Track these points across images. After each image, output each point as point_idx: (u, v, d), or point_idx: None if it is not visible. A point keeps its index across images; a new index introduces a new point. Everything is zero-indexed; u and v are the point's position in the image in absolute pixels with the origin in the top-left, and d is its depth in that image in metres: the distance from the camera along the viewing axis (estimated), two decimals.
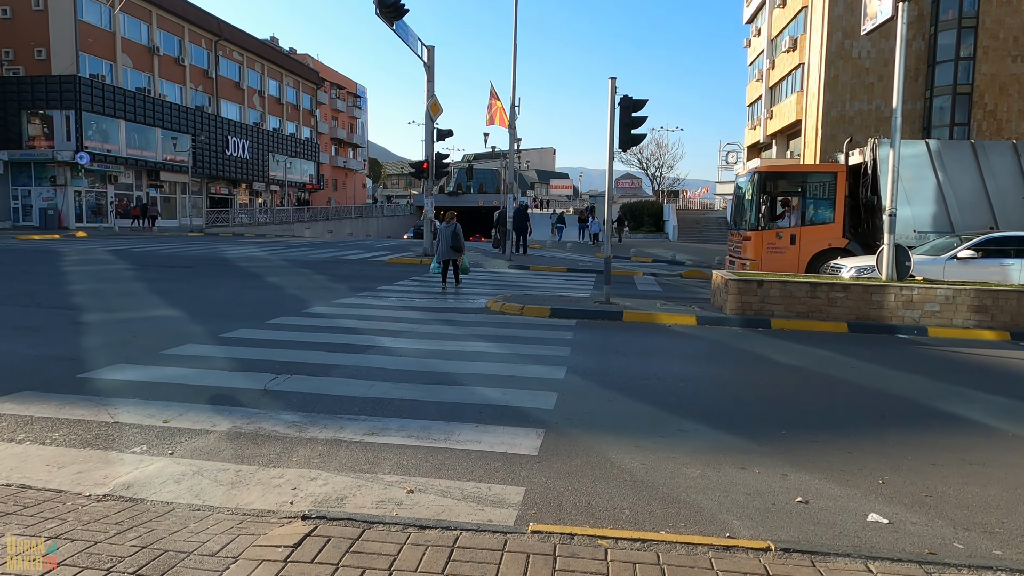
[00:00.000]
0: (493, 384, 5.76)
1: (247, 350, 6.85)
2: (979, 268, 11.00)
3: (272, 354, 6.68)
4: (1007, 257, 11.29)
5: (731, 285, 9.56)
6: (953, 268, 11.10)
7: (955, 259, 11.28)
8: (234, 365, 6.19)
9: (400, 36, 16.60)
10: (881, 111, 33.50)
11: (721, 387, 6.03)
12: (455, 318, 9.40)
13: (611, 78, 10.13)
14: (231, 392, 5.28)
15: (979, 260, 11.19)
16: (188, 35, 44.56)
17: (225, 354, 6.65)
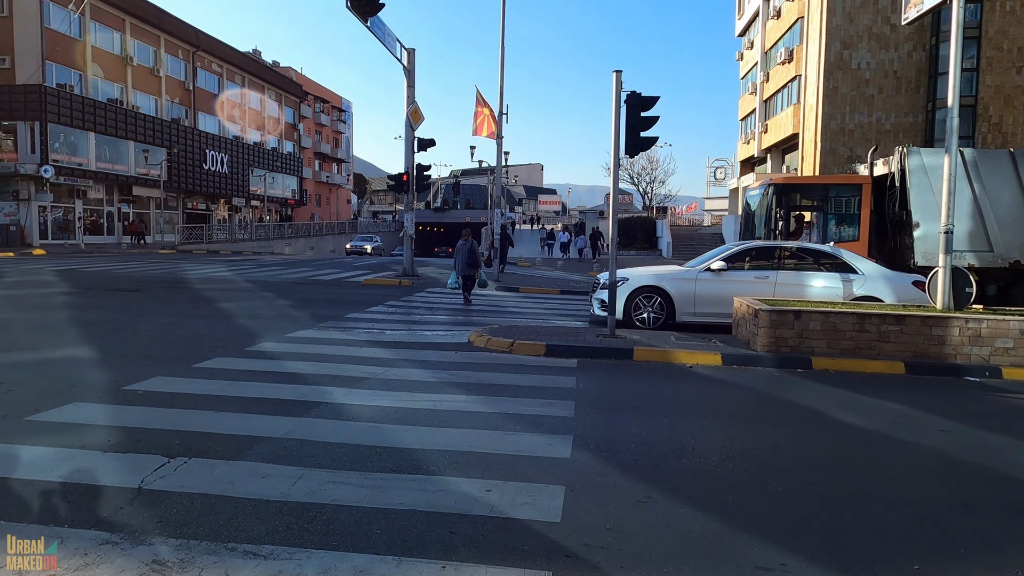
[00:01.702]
0: (473, 470, 4.12)
1: (148, 412, 5.17)
2: (731, 280, 10.14)
3: (179, 418, 5.01)
4: (761, 269, 10.35)
5: (762, 316, 7.99)
6: (706, 281, 10.18)
7: (708, 271, 10.24)
8: (119, 439, 4.50)
9: (376, 35, 15.07)
10: (882, 123, 32.42)
11: (787, 469, 4.41)
12: (430, 358, 7.75)
13: (615, 71, 8.61)
14: (89, 492, 3.61)
15: (731, 272, 10.23)
16: (164, 45, 42.91)
17: (115, 419, 4.96)
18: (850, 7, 32.02)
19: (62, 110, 34.14)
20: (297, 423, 5.00)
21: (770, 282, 10.05)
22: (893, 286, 9.99)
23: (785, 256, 10.42)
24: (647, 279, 10.36)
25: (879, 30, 32.08)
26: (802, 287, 9.98)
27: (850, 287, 9.93)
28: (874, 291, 9.89)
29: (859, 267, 10.14)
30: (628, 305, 10.18)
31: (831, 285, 9.94)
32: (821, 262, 10.26)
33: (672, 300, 10.12)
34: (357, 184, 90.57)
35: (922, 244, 12.22)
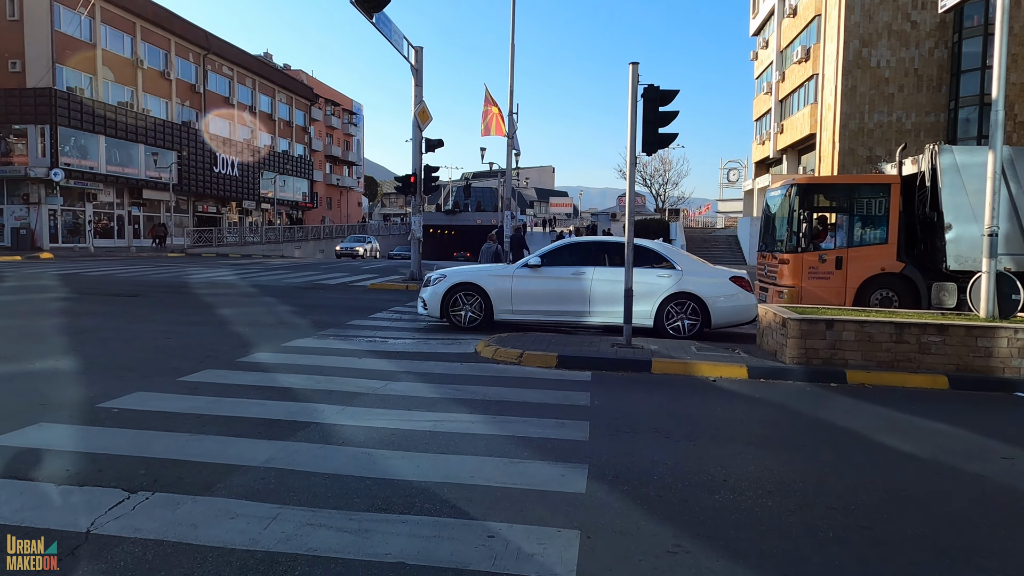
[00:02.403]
0: (474, 508, 3.59)
1: (118, 435, 4.69)
2: (548, 277, 9.86)
3: (151, 443, 4.51)
4: (580, 265, 9.92)
5: (791, 326, 7.40)
6: (523, 278, 9.90)
7: (526, 267, 9.94)
8: (79, 468, 4.02)
9: (382, 32, 14.62)
10: (902, 123, 31.60)
11: (836, 508, 3.84)
12: (434, 370, 7.23)
13: (632, 63, 8.07)
14: (27, 537, 3.10)
15: (549, 268, 9.88)
16: (175, 48, 42.83)
17: (80, 443, 4.48)
18: (869, 4, 31.24)
19: (72, 113, 34.05)
20: (280, 448, 4.49)
21: (587, 279, 9.70)
22: (710, 282, 9.73)
23: (604, 252, 10.04)
24: (464, 276, 10.02)
25: (899, 27, 31.28)
26: (618, 283, 9.42)
27: (667, 283, 9.62)
28: (691, 287, 9.57)
29: (677, 263, 9.86)
30: (446, 303, 9.90)
31: (647, 281, 9.55)
32: (639, 257, 9.74)
33: (489, 297, 9.79)
34: (368, 187, 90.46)
35: (954, 247, 11.55)
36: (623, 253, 9.78)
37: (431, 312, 9.96)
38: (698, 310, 9.51)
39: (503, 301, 9.80)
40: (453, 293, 9.90)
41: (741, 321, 9.90)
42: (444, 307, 9.89)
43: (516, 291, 9.77)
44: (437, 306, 9.89)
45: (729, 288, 9.70)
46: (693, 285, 9.58)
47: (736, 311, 9.72)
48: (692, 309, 9.53)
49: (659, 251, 10.05)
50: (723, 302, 9.59)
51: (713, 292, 9.59)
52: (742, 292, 9.77)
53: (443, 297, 9.88)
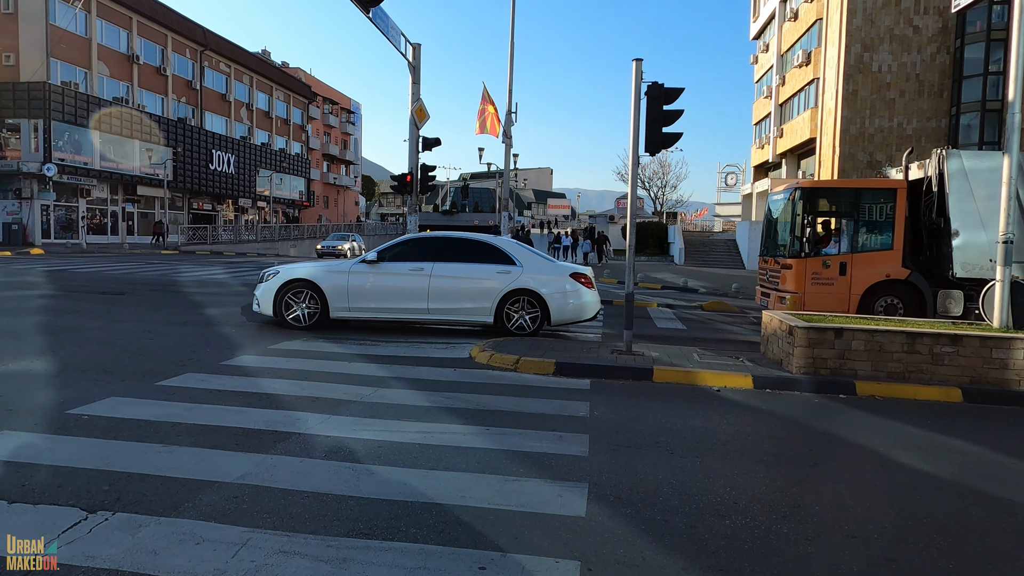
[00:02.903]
0: (465, 535, 3.28)
1: (85, 445, 4.37)
2: (386, 273, 9.63)
3: (118, 454, 4.20)
4: (419, 260, 9.65)
5: (798, 334, 7.11)
6: (360, 274, 9.60)
7: (363, 263, 9.67)
8: (37, 483, 3.71)
9: (379, 27, 14.31)
10: (903, 128, 31.42)
11: (857, 536, 3.55)
12: (425, 376, 6.92)
13: (635, 60, 7.78)
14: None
15: (387, 264, 9.65)
16: (171, 44, 42.47)
17: (42, 454, 4.16)
18: (871, 8, 31.08)
19: (66, 108, 33.68)
20: (258, 462, 4.18)
21: (425, 275, 9.46)
22: (551, 279, 9.59)
23: (447, 248, 9.81)
24: (298, 272, 9.62)
25: (901, 32, 31.12)
26: (457, 279, 9.48)
27: (507, 279, 9.47)
28: (531, 284, 9.47)
29: (518, 259, 9.65)
30: (278, 302, 9.48)
31: (487, 278, 9.48)
32: (480, 253, 9.71)
33: (324, 294, 9.45)
34: (365, 186, 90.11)
35: (961, 254, 11.30)
36: (466, 249, 9.77)
37: (263, 310, 9.52)
38: (538, 307, 9.43)
39: (339, 298, 9.44)
40: (286, 290, 9.49)
41: (582, 318, 9.84)
42: (277, 305, 9.46)
43: (353, 288, 9.44)
44: (270, 303, 9.45)
45: (570, 285, 9.58)
46: (533, 282, 9.46)
47: (577, 308, 9.64)
48: (532, 306, 9.46)
49: (501, 248, 9.80)
50: (563, 299, 9.50)
51: (553, 289, 9.48)
52: (583, 289, 9.64)
53: (275, 294, 9.45)
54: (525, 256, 9.80)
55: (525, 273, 9.50)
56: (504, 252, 9.73)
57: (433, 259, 9.60)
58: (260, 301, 9.61)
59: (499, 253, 9.72)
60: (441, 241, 10.01)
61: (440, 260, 9.59)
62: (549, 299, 9.43)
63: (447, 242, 9.97)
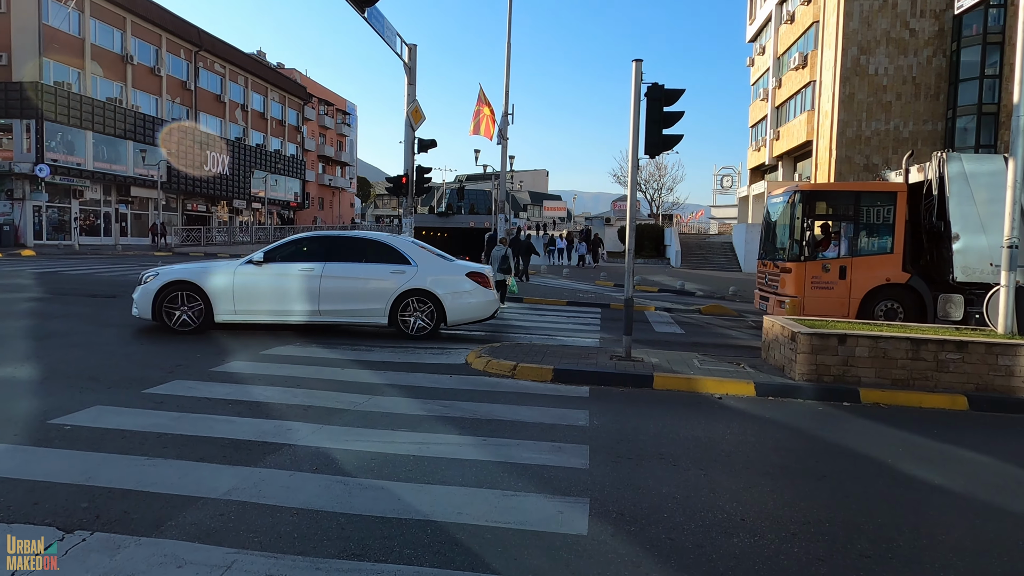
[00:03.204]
0: (460, 558, 3.12)
1: (66, 458, 4.20)
2: (274, 274, 9.24)
3: (100, 468, 4.03)
4: (309, 260, 9.33)
5: (801, 340, 6.98)
6: (246, 275, 9.21)
7: (250, 263, 9.26)
8: (13, 500, 3.53)
9: (374, 27, 14.16)
10: (899, 131, 31.41)
11: (871, 556, 3.41)
12: (420, 383, 6.76)
13: (635, 60, 7.65)
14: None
15: (275, 264, 9.28)
16: (166, 44, 42.20)
17: (21, 468, 3.99)
18: (868, 11, 31.06)
19: (59, 108, 33.41)
20: (246, 476, 4.02)
21: (316, 275, 9.16)
22: (446, 279, 9.46)
23: (339, 247, 9.55)
24: (179, 273, 9.20)
25: (898, 35, 31.11)
26: (349, 280, 9.21)
27: (401, 279, 9.27)
28: (426, 284, 9.30)
29: (413, 258, 9.45)
30: (158, 303, 8.99)
31: (380, 278, 9.27)
32: (373, 253, 9.49)
33: (208, 297, 9.06)
34: (361, 188, 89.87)
35: (962, 258, 11.21)
36: (359, 249, 9.52)
37: (142, 313, 9.03)
38: (433, 307, 9.28)
39: (224, 301, 9.07)
40: (166, 292, 9.03)
41: (479, 318, 9.75)
42: (156, 307, 8.96)
43: (239, 290, 9.08)
44: (148, 307, 8.96)
45: (466, 284, 9.46)
46: (429, 282, 9.29)
47: (473, 308, 9.54)
48: (427, 306, 9.29)
49: (395, 247, 9.56)
50: (459, 299, 9.39)
51: (449, 289, 9.35)
52: (479, 288, 9.52)
53: (155, 297, 8.97)
54: (421, 256, 9.58)
55: (420, 273, 9.30)
56: (399, 251, 9.49)
57: (324, 259, 9.29)
58: (138, 304, 9.07)
59: (393, 252, 9.48)
60: (333, 240, 9.73)
61: (332, 260, 9.30)
62: (445, 299, 9.26)
63: (339, 241, 9.71)
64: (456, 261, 10.17)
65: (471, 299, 9.48)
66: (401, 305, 9.26)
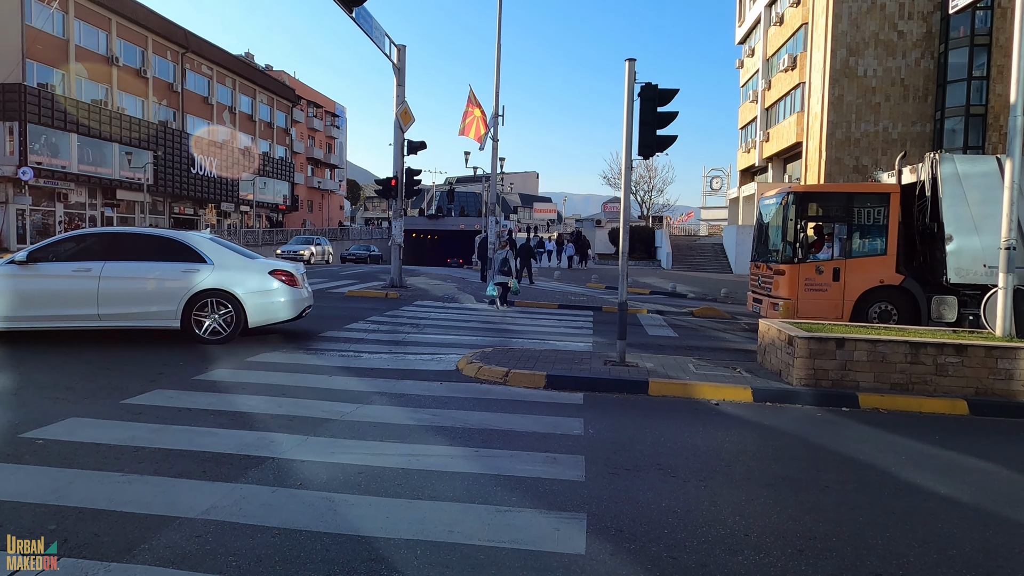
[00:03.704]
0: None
1: (37, 475, 3.99)
2: (43, 275, 8.23)
3: (71, 485, 3.82)
4: (85, 260, 8.39)
5: (799, 345, 6.85)
6: (9, 278, 8.11)
7: (12, 263, 8.24)
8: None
9: (362, 28, 13.97)
10: (889, 132, 31.52)
11: (883, 574, 3.27)
12: (410, 390, 6.58)
13: (628, 60, 7.50)
14: None
15: (43, 264, 8.29)
16: (152, 46, 41.78)
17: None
18: (856, 13, 31.16)
19: (43, 110, 32.96)
20: (226, 493, 3.82)
21: (94, 276, 8.25)
22: (246, 277, 8.76)
23: (119, 245, 8.68)
24: None
25: (886, 36, 31.23)
26: (133, 280, 8.36)
27: (195, 279, 8.51)
28: (223, 283, 8.56)
29: (209, 255, 8.70)
30: None
31: (170, 277, 8.46)
32: (162, 251, 8.65)
33: None
34: (351, 190, 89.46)
35: (955, 259, 11.15)
36: (146, 246, 8.73)
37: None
38: (232, 308, 8.59)
39: None
40: None
41: (284, 318, 9.11)
42: None
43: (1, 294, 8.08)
44: None
45: (268, 283, 8.85)
46: (227, 281, 8.58)
47: (279, 307, 8.95)
48: (227, 307, 8.58)
49: (188, 244, 8.78)
50: (262, 299, 8.77)
51: (250, 288, 8.69)
52: (284, 287, 8.95)
53: None
54: (219, 253, 8.84)
55: (217, 271, 8.59)
56: (193, 249, 8.71)
57: (104, 258, 8.41)
58: None
59: (187, 250, 8.69)
60: (115, 237, 8.87)
61: (114, 259, 8.44)
62: (245, 299, 8.61)
63: (122, 238, 8.84)
64: (260, 259, 9.42)
65: (276, 298, 8.86)
66: (196, 307, 8.48)
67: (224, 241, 9.49)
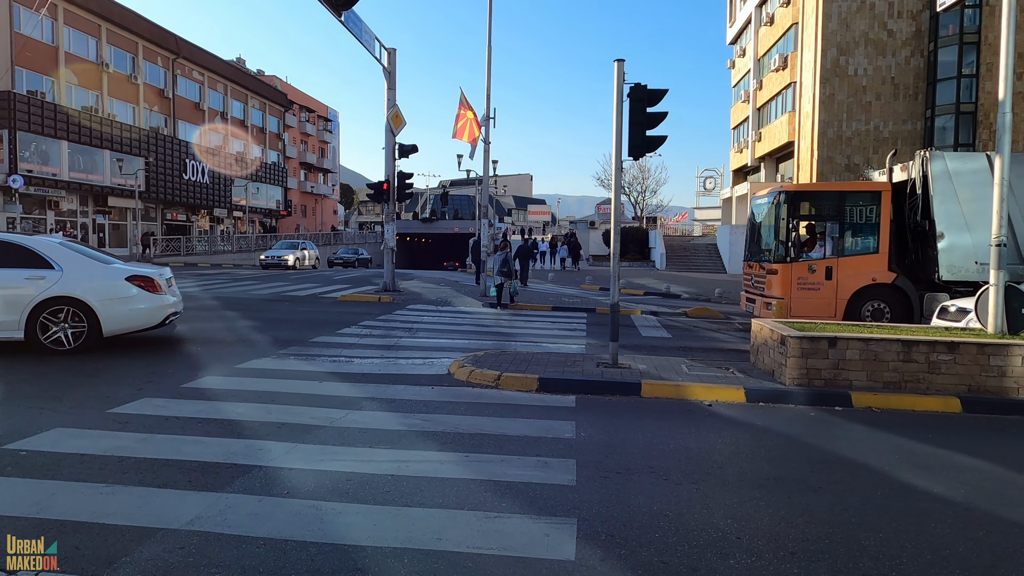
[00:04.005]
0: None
1: (19, 487, 3.92)
2: None
3: (54, 497, 3.76)
4: None
5: (791, 344, 6.83)
6: None
7: None
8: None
9: (352, 32, 13.93)
10: (880, 131, 31.62)
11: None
12: (401, 395, 6.52)
13: (617, 60, 7.48)
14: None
15: None
16: (142, 52, 41.62)
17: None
18: (846, 12, 31.26)
19: (32, 118, 32.78)
20: (211, 503, 3.76)
21: None
22: (100, 284, 8.24)
23: None
24: None
25: (876, 36, 31.33)
26: None
27: (41, 286, 7.93)
28: (73, 290, 8.02)
29: (57, 261, 8.11)
30: None
31: (10, 284, 7.89)
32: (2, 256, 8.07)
33: None
34: (344, 195, 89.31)
35: (947, 256, 11.17)
36: None
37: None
38: (85, 317, 8.05)
39: None
40: None
41: (144, 326, 8.62)
42: None
43: None
44: None
45: (124, 290, 8.34)
46: (78, 288, 8.04)
47: (138, 315, 8.47)
48: (76, 316, 8.04)
49: (33, 249, 8.17)
50: (118, 306, 8.27)
51: (104, 296, 8.17)
52: (143, 293, 8.43)
53: None
54: (68, 258, 8.25)
55: (66, 278, 8.02)
56: (37, 254, 8.11)
57: None
58: None
59: (31, 255, 8.08)
60: None
61: None
62: (99, 307, 8.07)
63: None
64: (117, 264, 8.83)
65: (134, 306, 8.38)
66: (43, 315, 7.93)
67: (77, 246, 9.01)
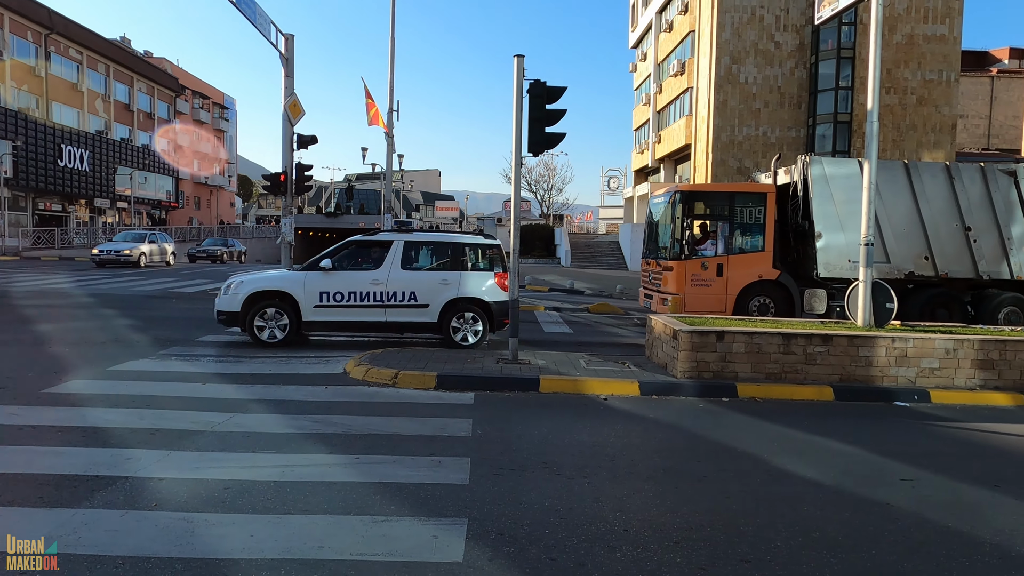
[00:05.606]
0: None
1: None
2: None
3: None
4: None
5: (682, 338, 7.07)
6: None
7: None
8: None
9: (246, 15, 13.21)
10: (768, 136, 33.55)
11: (751, 560, 3.35)
12: (292, 396, 6.23)
13: (517, 56, 7.47)
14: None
15: None
16: (9, 25, 37.86)
17: None
18: (738, 23, 32.95)
19: None
20: (65, 520, 3.41)
21: None
22: None
23: None
24: None
25: (764, 47, 33.22)
26: None
27: None
28: None
29: None
30: None
31: None
32: None
33: None
34: (242, 186, 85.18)
35: (823, 255, 11.95)
36: None
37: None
38: None
39: None
40: None
41: None
42: None
43: None
44: None
45: None
46: None
47: None
48: None
49: None
50: None
51: None
52: None
53: None
54: None
55: None
56: None
57: None
58: None
59: None
60: None
61: None
62: None
63: None
64: None
65: None
66: None
67: None
